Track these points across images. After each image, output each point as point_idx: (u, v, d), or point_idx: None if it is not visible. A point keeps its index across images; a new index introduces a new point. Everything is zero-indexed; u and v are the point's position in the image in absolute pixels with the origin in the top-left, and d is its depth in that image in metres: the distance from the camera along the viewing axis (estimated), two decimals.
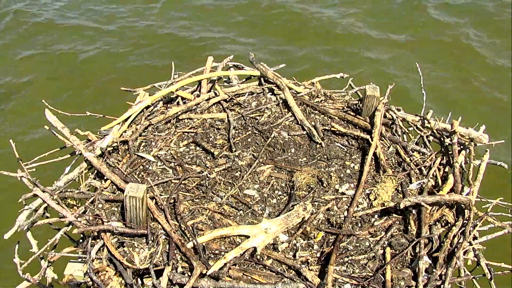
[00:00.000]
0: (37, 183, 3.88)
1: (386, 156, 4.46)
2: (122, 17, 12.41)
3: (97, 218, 3.71)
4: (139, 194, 3.48)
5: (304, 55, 10.97)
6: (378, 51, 11.23)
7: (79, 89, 10.01)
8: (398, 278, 3.48)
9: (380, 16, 12.43)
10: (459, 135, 4.53)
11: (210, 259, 3.47)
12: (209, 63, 5.47)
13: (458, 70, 10.66)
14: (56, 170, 4.31)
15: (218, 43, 11.31)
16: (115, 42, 11.51)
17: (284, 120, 4.77)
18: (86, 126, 4.54)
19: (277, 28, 11.86)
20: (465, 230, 3.69)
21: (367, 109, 4.76)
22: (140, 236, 3.61)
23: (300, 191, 4.07)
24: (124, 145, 4.43)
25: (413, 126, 4.81)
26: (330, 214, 3.90)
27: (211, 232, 3.62)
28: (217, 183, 4.12)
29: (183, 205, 3.90)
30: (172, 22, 12.20)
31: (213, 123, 4.73)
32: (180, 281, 3.33)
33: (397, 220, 3.88)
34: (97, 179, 4.14)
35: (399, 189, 4.11)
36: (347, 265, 3.55)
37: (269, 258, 3.56)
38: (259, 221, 3.76)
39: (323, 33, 11.73)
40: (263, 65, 5.24)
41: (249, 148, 4.49)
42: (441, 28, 11.96)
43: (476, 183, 4.09)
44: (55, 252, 3.76)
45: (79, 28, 11.95)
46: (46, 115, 4.32)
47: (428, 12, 12.44)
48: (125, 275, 3.39)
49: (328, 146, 4.55)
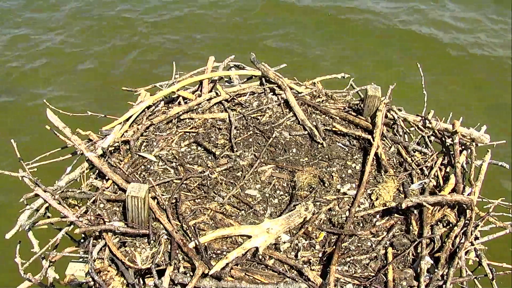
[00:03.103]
0: (38, 183, 3.88)
1: (388, 156, 4.46)
2: (122, 17, 12.40)
3: (99, 218, 3.71)
4: (141, 194, 3.48)
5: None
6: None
7: (80, 89, 10.01)
8: (400, 278, 3.47)
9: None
10: (461, 135, 4.53)
11: (212, 259, 3.47)
12: (211, 63, 5.47)
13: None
14: (57, 170, 4.30)
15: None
16: (115, 42, 11.50)
17: (286, 120, 4.77)
18: (87, 126, 4.53)
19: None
20: (466, 230, 3.69)
21: (369, 109, 4.76)
22: (142, 236, 3.61)
23: (301, 191, 4.07)
24: (125, 145, 4.43)
25: (414, 126, 4.81)
26: (332, 214, 3.90)
27: (213, 232, 3.62)
28: (218, 183, 4.12)
29: (184, 205, 3.90)
30: (176, 22, 12.21)
31: (214, 123, 4.73)
32: (182, 281, 3.32)
33: (398, 220, 3.88)
34: (98, 179, 4.14)
35: (401, 189, 4.12)
36: (349, 265, 3.55)
37: (271, 258, 3.56)
38: (261, 221, 3.76)
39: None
40: (265, 65, 5.24)
41: (251, 148, 4.48)
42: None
43: (478, 183, 4.09)
44: (56, 252, 3.76)
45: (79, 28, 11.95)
46: (48, 115, 4.32)
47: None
48: (126, 275, 3.39)
49: (329, 146, 4.55)
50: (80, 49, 11.23)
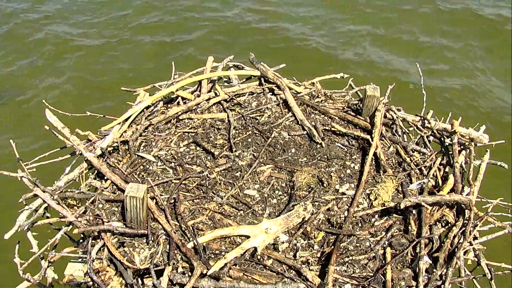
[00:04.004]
0: (37, 183, 3.88)
1: (387, 156, 4.46)
2: (122, 17, 12.41)
3: (98, 218, 3.71)
4: (139, 194, 3.48)
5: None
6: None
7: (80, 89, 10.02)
8: (399, 278, 3.48)
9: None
10: (459, 135, 4.53)
11: (210, 259, 3.47)
12: (210, 63, 5.47)
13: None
14: (56, 170, 4.31)
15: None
16: (115, 41, 11.51)
17: (285, 120, 4.77)
18: (85, 127, 4.53)
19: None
20: (465, 230, 3.69)
21: (368, 109, 4.76)
22: (141, 236, 3.61)
23: (300, 191, 4.07)
24: (124, 145, 4.43)
25: (413, 126, 4.81)
26: (331, 214, 3.90)
27: (212, 232, 3.62)
28: (217, 183, 4.12)
29: (183, 205, 3.90)
30: (175, 21, 12.21)
31: (213, 123, 4.73)
32: (181, 281, 3.33)
33: (397, 220, 3.88)
34: (97, 179, 4.14)
35: (400, 189, 4.11)
36: (348, 265, 3.55)
37: (269, 258, 3.56)
38: (260, 221, 3.76)
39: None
40: (264, 65, 5.24)
41: (250, 148, 4.49)
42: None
43: (477, 183, 4.08)
44: (55, 252, 3.76)
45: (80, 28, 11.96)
46: (47, 115, 4.32)
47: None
48: (125, 275, 3.39)
49: (328, 146, 4.55)
50: (80, 49, 11.26)
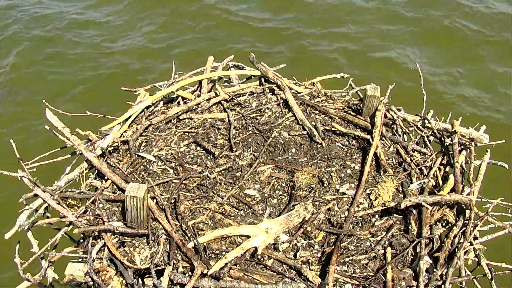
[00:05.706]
0: (37, 183, 3.88)
1: (387, 156, 4.46)
2: (122, 17, 12.41)
3: (98, 218, 3.71)
4: (140, 194, 3.48)
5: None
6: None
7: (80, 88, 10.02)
8: (399, 278, 3.48)
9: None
10: (460, 135, 4.53)
11: (211, 259, 3.47)
12: (210, 63, 5.46)
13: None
14: (56, 170, 4.30)
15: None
16: (115, 42, 11.51)
17: (285, 120, 4.77)
18: (86, 126, 4.52)
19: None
20: (465, 230, 3.69)
21: (368, 109, 4.76)
22: (141, 236, 3.61)
23: (300, 191, 4.07)
24: (124, 145, 4.43)
25: (413, 126, 4.81)
26: (331, 214, 3.90)
27: (212, 232, 3.62)
28: (217, 183, 4.12)
29: (183, 205, 3.90)
30: (175, 22, 12.22)
31: (213, 123, 4.73)
32: (181, 281, 3.33)
33: (397, 220, 3.88)
34: (97, 179, 4.14)
35: (400, 189, 4.11)
36: (348, 265, 3.55)
37: (270, 258, 3.56)
38: (260, 221, 3.76)
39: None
40: (264, 65, 5.24)
41: (250, 148, 4.48)
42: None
43: (477, 183, 4.08)
44: (55, 252, 3.76)
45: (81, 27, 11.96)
46: (47, 115, 4.32)
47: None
48: (125, 275, 3.39)
49: (328, 146, 4.55)
50: (79, 48, 11.26)
